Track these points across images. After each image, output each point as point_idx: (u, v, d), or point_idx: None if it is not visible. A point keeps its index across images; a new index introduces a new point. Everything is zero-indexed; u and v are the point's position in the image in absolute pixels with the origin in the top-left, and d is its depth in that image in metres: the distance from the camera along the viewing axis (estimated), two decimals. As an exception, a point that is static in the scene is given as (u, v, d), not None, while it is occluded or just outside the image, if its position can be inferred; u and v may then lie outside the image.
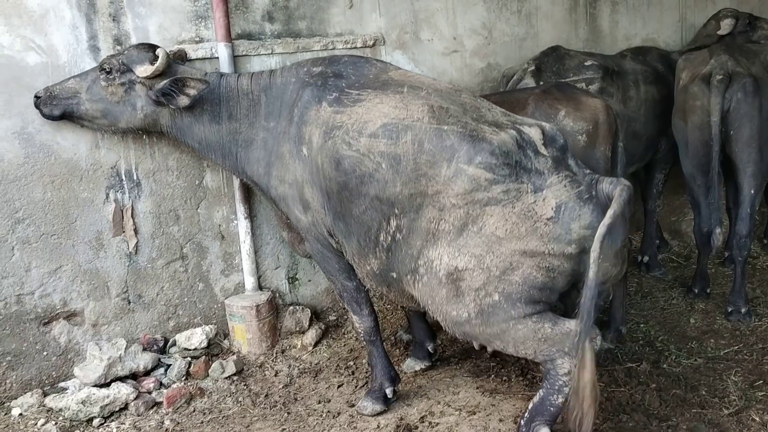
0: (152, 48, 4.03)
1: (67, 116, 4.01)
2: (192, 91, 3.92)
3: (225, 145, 4.10)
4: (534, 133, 3.44)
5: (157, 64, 3.91)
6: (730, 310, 4.99)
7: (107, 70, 3.96)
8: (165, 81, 3.90)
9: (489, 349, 3.70)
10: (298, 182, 3.84)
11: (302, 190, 3.83)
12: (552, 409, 3.41)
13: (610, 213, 3.22)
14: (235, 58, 4.56)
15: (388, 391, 4.01)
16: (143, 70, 3.94)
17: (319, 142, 3.68)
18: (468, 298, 3.37)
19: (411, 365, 4.46)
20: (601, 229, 3.19)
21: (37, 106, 3.97)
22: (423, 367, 4.45)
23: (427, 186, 3.39)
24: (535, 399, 3.46)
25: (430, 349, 4.48)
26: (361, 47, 5.13)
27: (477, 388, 4.19)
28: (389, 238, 3.55)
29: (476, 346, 3.75)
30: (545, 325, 3.35)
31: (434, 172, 3.38)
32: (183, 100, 3.93)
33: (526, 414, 3.47)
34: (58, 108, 3.97)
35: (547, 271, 3.31)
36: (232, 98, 4.06)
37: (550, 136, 3.47)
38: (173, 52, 4.20)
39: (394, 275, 3.63)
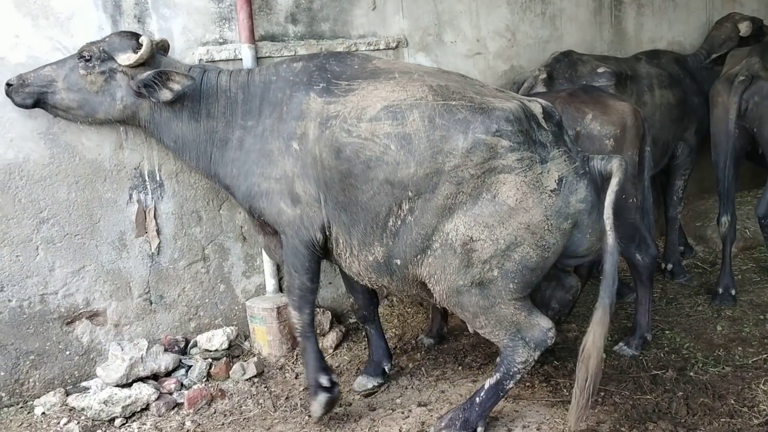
0: (135, 36, 3.89)
1: (41, 105, 3.86)
2: (176, 86, 3.76)
3: (201, 144, 3.96)
4: (534, 107, 3.54)
5: (141, 52, 3.75)
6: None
7: (87, 57, 3.80)
8: (149, 72, 3.75)
9: (470, 328, 3.81)
10: (287, 177, 3.73)
11: (292, 185, 3.73)
12: (501, 393, 3.65)
13: (615, 181, 3.43)
14: (258, 60, 4.57)
15: (324, 381, 3.87)
16: (126, 58, 3.77)
17: (316, 134, 3.63)
18: (476, 269, 3.44)
19: (362, 382, 4.28)
20: (611, 196, 3.41)
21: (8, 94, 3.80)
22: (376, 384, 4.27)
23: (444, 162, 3.40)
24: (491, 381, 3.64)
25: (386, 369, 4.33)
26: (384, 49, 5.11)
27: (499, 393, 4.13)
28: (398, 222, 3.53)
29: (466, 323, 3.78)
30: (523, 312, 3.55)
31: (450, 146, 3.40)
32: (165, 94, 3.76)
33: (479, 394, 3.64)
34: (31, 97, 3.80)
35: (543, 250, 3.43)
36: (211, 95, 3.92)
37: (548, 112, 3.57)
38: (156, 43, 3.97)
39: (399, 262, 3.60)
